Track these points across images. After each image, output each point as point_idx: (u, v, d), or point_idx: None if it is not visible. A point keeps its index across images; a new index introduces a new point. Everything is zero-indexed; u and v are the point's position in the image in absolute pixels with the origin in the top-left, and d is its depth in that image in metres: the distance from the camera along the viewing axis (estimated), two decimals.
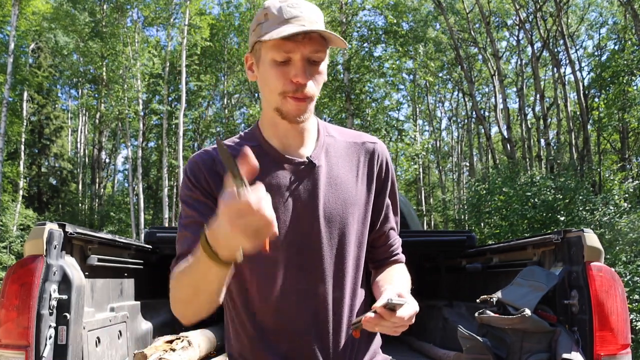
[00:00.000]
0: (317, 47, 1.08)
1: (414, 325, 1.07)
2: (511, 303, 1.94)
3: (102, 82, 19.74)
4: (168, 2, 18.44)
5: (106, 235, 2.28)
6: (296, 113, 1.11)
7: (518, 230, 9.87)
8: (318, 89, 1.12)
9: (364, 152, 1.23)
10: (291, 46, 1.06)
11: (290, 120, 1.12)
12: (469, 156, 27.06)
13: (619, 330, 1.72)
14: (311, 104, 1.12)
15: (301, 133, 1.18)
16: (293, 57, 1.08)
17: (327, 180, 1.17)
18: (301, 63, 1.08)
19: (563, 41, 16.18)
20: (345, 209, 1.17)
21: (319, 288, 1.15)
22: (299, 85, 1.08)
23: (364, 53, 17.45)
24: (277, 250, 1.11)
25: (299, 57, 1.07)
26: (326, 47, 1.10)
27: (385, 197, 1.26)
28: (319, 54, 1.09)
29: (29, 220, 19.05)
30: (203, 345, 2.78)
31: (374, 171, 1.23)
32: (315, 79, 1.10)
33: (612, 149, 20.36)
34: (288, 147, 1.18)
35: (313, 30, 1.06)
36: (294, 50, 1.07)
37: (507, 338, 1.93)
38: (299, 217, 1.14)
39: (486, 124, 18.73)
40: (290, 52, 1.07)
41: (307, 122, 1.17)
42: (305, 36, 1.06)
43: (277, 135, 1.18)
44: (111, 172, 28.86)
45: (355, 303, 1.20)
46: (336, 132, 1.26)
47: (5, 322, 1.64)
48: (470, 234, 3.15)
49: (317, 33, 1.07)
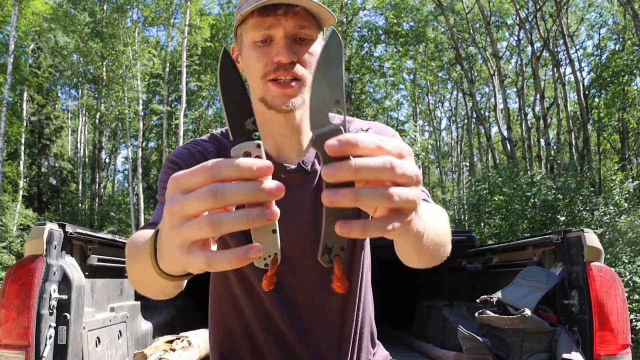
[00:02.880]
0: (302, 22, 0.94)
1: (415, 326, 1.05)
2: (511, 303, 1.94)
3: (102, 82, 19.74)
4: (168, 2, 18.44)
5: (106, 235, 2.28)
6: (281, 99, 0.96)
7: (518, 230, 9.87)
8: (309, 72, 0.96)
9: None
10: (271, 21, 0.94)
11: (277, 109, 0.98)
12: (469, 156, 27.05)
13: (619, 330, 1.72)
14: (302, 89, 0.96)
15: (297, 134, 1.05)
16: (274, 35, 0.95)
17: (320, 188, 1.08)
18: (284, 41, 0.94)
19: (563, 41, 16.18)
20: None
21: (314, 299, 1.07)
22: (281, 65, 0.94)
23: (364, 53, 17.46)
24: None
25: (282, 35, 0.94)
26: (316, 25, 0.97)
27: None
28: (306, 31, 0.95)
29: (29, 220, 19.04)
30: (203, 345, 2.79)
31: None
32: (304, 60, 0.96)
33: (612, 149, 20.36)
34: (282, 149, 1.06)
35: (292, 3, 0.91)
36: (274, 25, 0.94)
37: (507, 338, 1.93)
38: (289, 224, 1.00)
39: (486, 124, 18.73)
40: (270, 28, 0.94)
41: (304, 120, 1.03)
42: (288, 10, 0.93)
43: (270, 136, 1.05)
44: (111, 172, 28.90)
45: (359, 310, 1.13)
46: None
47: (5, 322, 1.64)
48: (471, 234, 3.15)
49: (302, 7, 0.94)
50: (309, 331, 1.07)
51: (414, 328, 3.65)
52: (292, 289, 1.06)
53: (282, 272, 1.03)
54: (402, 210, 0.51)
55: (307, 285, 1.06)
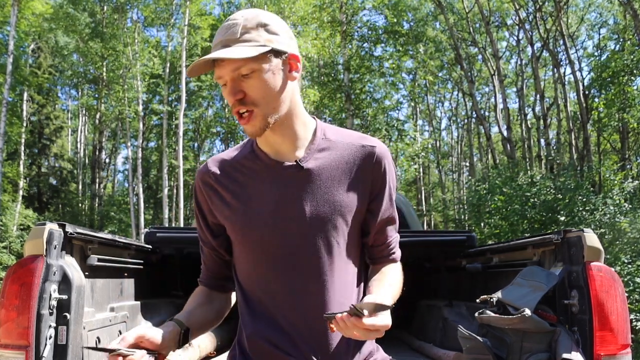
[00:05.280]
0: (235, 64, 1.09)
1: (415, 325, 1.07)
2: (511, 303, 1.94)
3: (102, 82, 19.75)
4: (168, 2, 18.44)
5: (106, 235, 2.27)
6: (248, 131, 1.15)
7: (518, 230, 9.87)
8: (263, 94, 1.11)
9: (361, 155, 1.22)
10: (217, 71, 1.12)
11: (250, 136, 1.17)
12: (469, 156, 27.08)
13: (619, 330, 1.72)
14: (257, 116, 1.12)
15: (290, 138, 1.19)
16: (225, 79, 1.12)
17: (316, 183, 1.18)
18: (230, 83, 1.11)
19: (563, 41, 16.19)
20: (334, 211, 1.18)
21: (309, 288, 1.17)
22: (233, 105, 1.12)
23: (364, 53, 17.46)
24: (266, 250, 1.18)
25: (229, 79, 1.11)
26: (253, 58, 1.09)
27: (382, 199, 1.25)
28: (244, 69, 1.09)
29: (29, 220, 19.05)
30: (203, 346, 2.79)
31: (370, 175, 1.22)
32: (252, 91, 1.11)
33: (612, 149, 20.37)
34: (279, 152, 1.20)
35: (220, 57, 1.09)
36: (220, 74, 1.12)
37: (507, 338, 1.93)
38: (286, 218, 1.17)
39: (486, 124, 18.73)
40: (219, 77, 1.13)
41: (296, 127, 1.19)
42: (225, 59, 1.09)
43: (268, 143, 1.21)
44: (111, 172, 28.90)
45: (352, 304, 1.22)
46: (335, 135, 1.25)
47: (5, 322, 1.64)
48: (470, 234, 3.15)
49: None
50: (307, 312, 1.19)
51: (413, 328, 3.65)
52: (290, 275, 1.18)
53: (280, 255, 1.18)
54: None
55: (302, 272, 1.18)
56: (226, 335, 3.20)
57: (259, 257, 1.19)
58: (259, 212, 1.18)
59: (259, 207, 1.18)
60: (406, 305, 4.19)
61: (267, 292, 1.19)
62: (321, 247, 1.17)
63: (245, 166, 1.22)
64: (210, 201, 1.24)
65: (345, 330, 1.00)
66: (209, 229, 1.28)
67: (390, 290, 1.18)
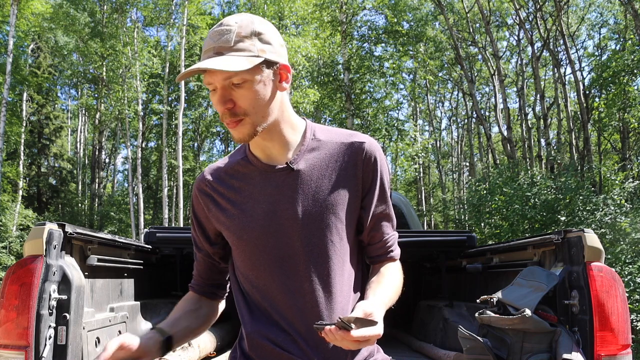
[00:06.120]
0: (227, 74, 1.08)
1: (415, 326, 1.07)
2: (511, 303, 1.93)
3: (102, 82, 19.74)
4: (167, 2, 18.44)
5: (106, 235, 2.27)
6: (234, 135, 1.16)
7: (518, 230, 9.86)
8: (253, 105, 1.11)
9: (350, 152, 1.22)
10: (208, 77, 1.12)
11: (236, 142, 1.18)
12: (469, 156, 27.06)
13: (619, 330, 1.72)
14: (246, 123, 1.13)
15: (280, 142, 1.21)
16: (215, 86, 1.12)
17: (308, 183, 1.19)
18: (220, 91, 1.11)
19: (563, 41, 16.18)
20: (327, 210, 1.18)
21: (305, 288, 1.17)
22: (223, 113, 1.13)
23: (364, 53, 17.46)
24: (262, 251, 1.19)
25: (219, 86, 1.11)
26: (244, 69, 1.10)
27: (374, 195, 1.25)
28: (235, 79, 1.09)
29: (28, 220, 19.05)
30: (203, 346, 2.79)
31: (360, 170, 1.22)
32: (242, 101, 1.11)
33: (613, 149, 20.36)
34: (271, 156, 1.22)
35: (197, 70, 1.09)
36: (211, 81, 1.11)
37: (508, 338, 1.92)
38: (280, 219, 1.18)
39: (486, 124, 18.73)
40: (210, 83, 1.12)
41: (284, 131, 1.20)
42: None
43: (259, 147, 1.22)
44: (111, 172, 28.88)
45: (349, 303, 1.21)
46: (324, 135, 1.25)
47: (5, 322, 1.64)
48: (471, 234, 3.15)
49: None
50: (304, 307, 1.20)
51: (413, 328, 3.65)
52: (286, 276, 1.19)
53: (274, 256, 1.19)
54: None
55: (298, 272, 1.18)
56: (226, 335, 3.20)
57: (256, 258, 1.20)
58: (253, 214, 1.19)
59: (253, 210, 1.20)
60: (406, 305, 4.19)
61: (264, 292, 1.20)
62: (315, 246, 1.18)
63: (239, 172, 1.24)
64: (207, 208, 1.26)
65: (335, 342, 0.99)
66: (205, 237, 1.30)
67: (387, 292, 1.18)
